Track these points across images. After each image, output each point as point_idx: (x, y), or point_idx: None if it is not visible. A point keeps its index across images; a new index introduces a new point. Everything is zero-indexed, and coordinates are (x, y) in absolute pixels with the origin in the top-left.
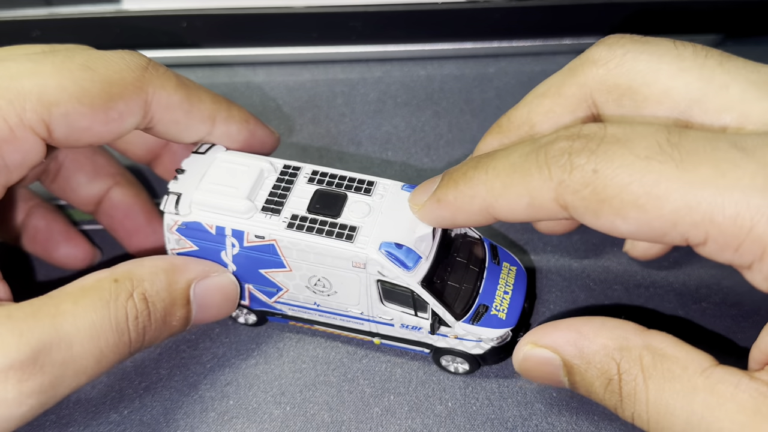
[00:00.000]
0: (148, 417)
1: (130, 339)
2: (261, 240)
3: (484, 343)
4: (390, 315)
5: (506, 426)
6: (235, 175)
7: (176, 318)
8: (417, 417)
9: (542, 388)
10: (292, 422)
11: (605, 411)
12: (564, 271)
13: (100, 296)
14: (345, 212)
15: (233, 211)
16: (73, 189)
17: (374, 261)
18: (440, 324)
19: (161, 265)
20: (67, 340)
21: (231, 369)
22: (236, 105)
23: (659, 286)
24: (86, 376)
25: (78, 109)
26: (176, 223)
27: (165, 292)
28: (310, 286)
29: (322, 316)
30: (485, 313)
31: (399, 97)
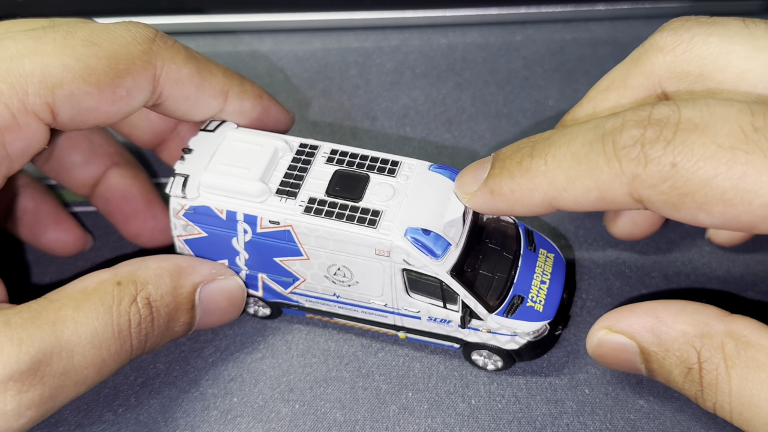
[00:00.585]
0: (145, 416)
1: (132, 346)
2: (276, 226)
3: (520, 337)
4: (416, 307)
5: (534, 425)
6: (248, 155)
7: (179, 323)
8: (437, 415)
9: (574, 385)
10: (302, 421)
11: (642, 410)
12: (598, 256)
13: (103, 301)
14: (367, 195)
15: (245, 194)
16: (67, 170)
17: (399, 248)
18: (471, 317)
19: (167, 267)
20: (68, 349)
21: (235, 363)
22: (249, 80)
23: (700, 273)
24: (86, 385)
25: (83, 88)
26: (183, 208)
27: (170, 297)
28: (329, 276)
29: (342, 308)
30: (521, 305)
31: (418, 68)
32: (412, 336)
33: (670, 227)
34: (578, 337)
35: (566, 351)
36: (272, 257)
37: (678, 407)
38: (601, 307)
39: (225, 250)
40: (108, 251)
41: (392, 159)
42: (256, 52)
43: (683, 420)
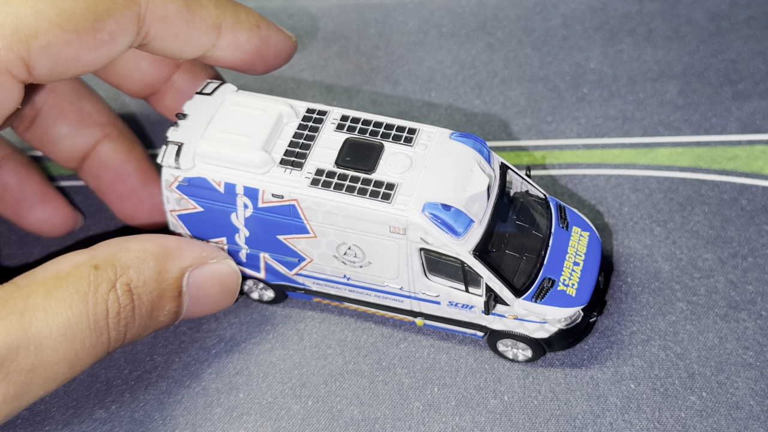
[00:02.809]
0: (141, 413)
1: (109, 338)
2: (279, 200)
3: (550, 325)
4: (435, 291)
5: (574, 424)
6: (248, 121)
7: (164, 312)
8: (466, 413)
9: (617, 379)
10: (315, 419)
11: (694, 407)
12: (644, 236)
13: (78, 288)
14: (381, 166)
15: (246, 164)
16: (53, 140)
17: (416, 226)
18: (496, 302)
19: (151, 250)
20: (37, 343)
21: (241, 355)
22: (244, 7)
23: (760, 255)
24: (56, 382)
25: (61, 37)
26: (176, 179)
27: (153, 283)
28: (338, 256)
29: (353, 292)
30: (551, 289)
31: (444, 26)
32: (431, 323)
33: (725, 204)
34: (622, 326)
35: (609, 341)
36: (275, 234)
37: (734, 404)
38: (648, 293)
39: (223, 227)
40: (100, 229)
41: (409, 126)
42: (264, 8)
43: (740, 418)
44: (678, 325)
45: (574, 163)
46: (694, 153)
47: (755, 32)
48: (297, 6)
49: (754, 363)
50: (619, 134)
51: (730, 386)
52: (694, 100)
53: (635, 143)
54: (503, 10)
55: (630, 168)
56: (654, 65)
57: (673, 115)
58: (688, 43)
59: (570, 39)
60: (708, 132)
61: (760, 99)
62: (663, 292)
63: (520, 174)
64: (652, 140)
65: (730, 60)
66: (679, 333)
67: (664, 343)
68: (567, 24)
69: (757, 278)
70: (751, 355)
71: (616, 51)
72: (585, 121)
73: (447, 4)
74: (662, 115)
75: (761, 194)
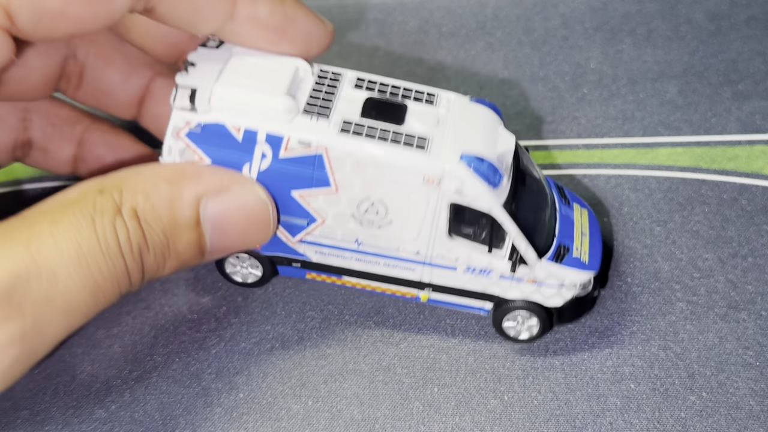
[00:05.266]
0: (141, 413)
1: (127, 267)
2: (306, 148)
3: (566, 290)
4: (455, 254)
5: (574, 424)
6: (265, 70)
7: (183, 243)
8: (466, 413)
9: (617, 379)
10: (315, 419)
11: (694, 406)
12: (644, 235)
13: (84, 212)
14: (408, 121)
15: (270, 109)
16: (107, 91)
17: (453, 175)
18: (520, 262)
19: (164, 174)
20: (48, 270)
21: (241, 355)
22: None
23: (759, 255)
24: (80, 314)
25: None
26: (188, 125)
27: (164, 209)
28: (357, 215)
29: (360, 261)
30: (567, 255)
31: (444, 26)
32: (437, 298)
33: (725, 204)
34: (622, 326)
35: (609, 341)
36: (290, 190)
37: (734, 404)
38: (648, 293)
39: None
40: None
41: (428, 90)
42: None
43: (740, 418)
44: (678, 325)
45: (573, 163)
46: (694, 153)
47: (755, 32)
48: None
49: (754, 363)
50: (619, 134)
51: (730, 386)
52: (694, 100)
53: (635, 143)
54: (503, 10)
55: (630, 168)
56: (654, 65)
57: (673, 115)
58: (688, 43)
59: (570, 39)
60: (708, 132)
61: (760, 99)
62: (663, 292)
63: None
64: (652, 140)
65: (730, 60)
66: (679, 333)
67: (664, 343)
68: (567, 24)
69: (757, 278)
70: (751, 355)
71: (616, 51)
72: (585, 121)
73: (447, 4)
74: (662, 115)
75: (761, 194)
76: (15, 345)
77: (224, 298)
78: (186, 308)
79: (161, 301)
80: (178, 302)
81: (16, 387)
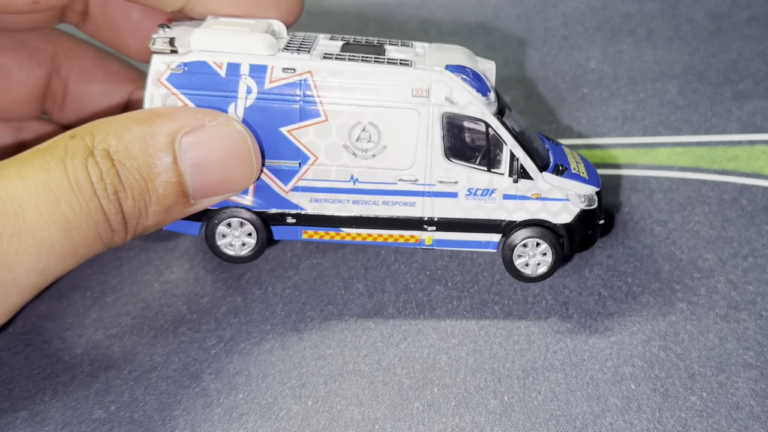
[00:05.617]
0: (140, 414)
1: (103, 207)
2: (290, 75)
3: (572, 204)
4: (455, 176)
5: (574, 425)
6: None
7: (162, 184)
8: (466, 413)
9: (618, 379)
10: (315, 419)
11: (694, 407)
12: (644, 236)
13: (54, 155)
14: (389, 52)
15: (251, 45)
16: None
17: (441, 83)
18: (522, 175)
19: (137, 116)
20: (15, 205)
21: (241, 355)
22: None
23: (760, 255)
24: (54, 252)
25: None
26: (169, 67)
27: (137, 148)
28: (349, 144)
29: (358, 203)
30: (566, 171)
31: (444, 26)
32: (441, 238)
33: (726, 204)
34: (622, 326)
35: (609, 341)
36: (278, 127)
37: (734, 404)
38: (648, 293)
39: None
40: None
41: (401, 40)
42: None
43: (740, 419)
44: (678, 326)
45: None
46: (694, 153)
47: (756, 32)
48: None
49: (755, 363)
50: (619, 134)
51: (730, 386)
52: (694, 100)
53: (635, 143)
54: (503, 10)
55: (630, 168)
56: (654, 65)
57: (673, 115)
58: (688, 42)
59: (570, 39)
60: (708, 132)
61: (761, 99)
62: (663, 292)
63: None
64: (652, 140)
65: (730, 60)
66: (680, 333)
67: (665, 344)
68: (567, 24)
69: (758, 278)
70: (751, 355)
71: (616, 51)
72: (585, 121)
73: (447, 4)
74: (662, 115)
75: (762, 194)
76: None
77: (224, 298)
78: (185, 309)
79: (160, 301)
80: (177, 303)
81: (14, 387)
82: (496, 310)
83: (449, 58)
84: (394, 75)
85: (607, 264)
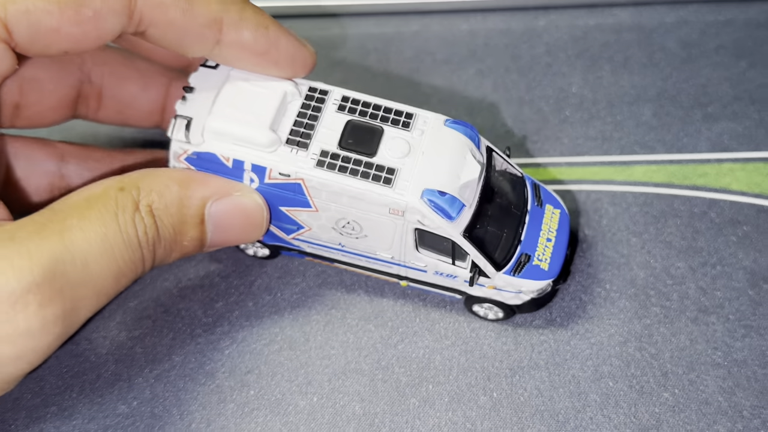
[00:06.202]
0: (160, 409)
1: (143, 256)
2: (286, 178)
3: (524, 294)
4: (424, 262)
5: (557, 419)
6: (255, 98)
7: (188, 238)
8: (458, 409)
9: (597, 377)
10: (320, 414)
11: (667, 402)
12: (621, 246)
13: (107, 207)
14: (381, 150)
15: (254, 142)
16: (128, 105)
17: (415, 209)
18: (480, 275)
19: (176, 177)
20: (81, 258)
21: (252, 355)
22: (252, 6)
23: (727, 263)
24: (106, 296)
25: (40, 5)
26: (185, 152)
27: (175, 208)
28: (337, 228)
29: (346, 256)
30: (527, 264)
31: (438, 54)
32: (415, 285)
33: (696, 217)
34: (601, 328)
35: (589, 343)
36: (279, 206)
37: (704, 400)
38: (625, 298)
39: None
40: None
41: (406, 110)
42: None
43: (709, 413)
44: (652, 328)
45: (557, 180)
46: (667, 170)
47: (723, 59)
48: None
49: (722, 363)
50: (598, 153)
51: (700, 384)
52: (667, 122)
53: (613, 161)
54: (492, 39)
55: (608, 184)
56: (630, 89)
57: (648, 135)
58: (661, 69)
59: (553, 66)
60: (680, 151)
61: (728, 121)
62: (639, 298)
63: (501, 155)
64: (628, 158)
65: (700, 85)
66: (654, 335)
67: (640, 345)
68: (551, 52)
69: (725, 285)
70: (719, 355)
71: (595, 77)
72: (567, 140)
73: (441, 34)
74: (638, 135)
75: (729, 208)
76: (58, 323)
77: (236, 303)
78: (201, 312)
79: (179, 305)
80: (194, 307)
81: (45, 384)
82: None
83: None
84: (375, 195)
85: (587, 272)
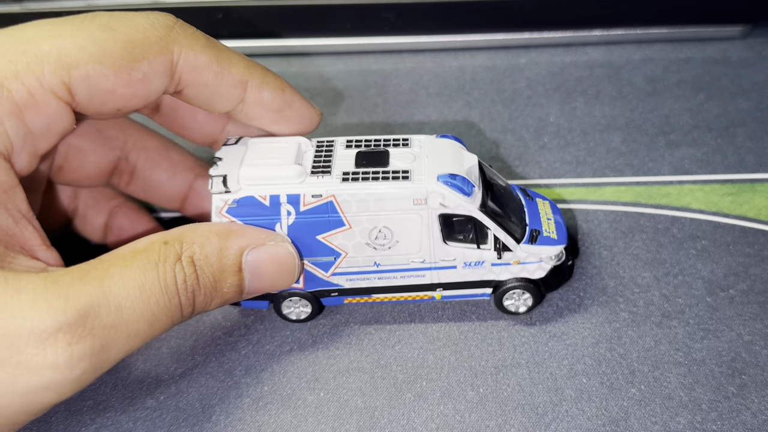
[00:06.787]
0: (184, 403)
1: (180, 302)
2: (319, 199)
3: (545, 263)
4: (452, 255)
5: (537, 411)
6: (276, 151)
7: (227, 285)
8: (449, 402)
9: (572, 375)
10: (326, 407)
11: (634, 397)
12: (594, 258)
13: (149, 258)
14: (392, 162)
15: (285, 177)
16: (155, 188)
17: (435, 192)
18: (504, 249)
19: (216, 230)
20: (116, 303)
21: (266, 355)
22: (272, 73)
23: (687, 273)
24: (139, 338)
25: (99, 70)
26: (226, 203)
27: (214, 258)
28: (370, 242)
29: (382, 279)
30: (539, 236)
31: (431, 88)
32: (448, 294)
33: (660, 232)
34: (576, 331)
35: (565, 344)
36: (315, 235)
37: (667, 395)
38: (597, 304)
39: None
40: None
41: (402, 137)
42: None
43: (671, 407)
44: (621, 331)
45: None
46: (634, 191)
47: (684, 92)
48: (311, 71)
49: (683, 362)
50: (573, 176)
51: (663, 381)
52: (634, 148)
53: (586, 183)
54: (479, 75)
55: (582, 203)
56: (602, 119)
57: (617, 160)
58: (629, 101)
59: (533, 98)
60: (646, 174)
61: (688, 147)
62: (609, 304)
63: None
64: (600, 180)
65: (663, 115)
66: (622, 337)
67: (610, 346)
68: (531, 86)
69: (686, 293)
70: (680, 355)
71: (570, 108)
72: (546, 164)
73: (433, 70)
74: (608, 159)
75: (689, 224)
76: (85, 359)
77: (252, 310)
78: (221, 317)
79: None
80: (214, 312)
81: None
82: (474, 319)
83: (440, 165)
84: (399, 190)
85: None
